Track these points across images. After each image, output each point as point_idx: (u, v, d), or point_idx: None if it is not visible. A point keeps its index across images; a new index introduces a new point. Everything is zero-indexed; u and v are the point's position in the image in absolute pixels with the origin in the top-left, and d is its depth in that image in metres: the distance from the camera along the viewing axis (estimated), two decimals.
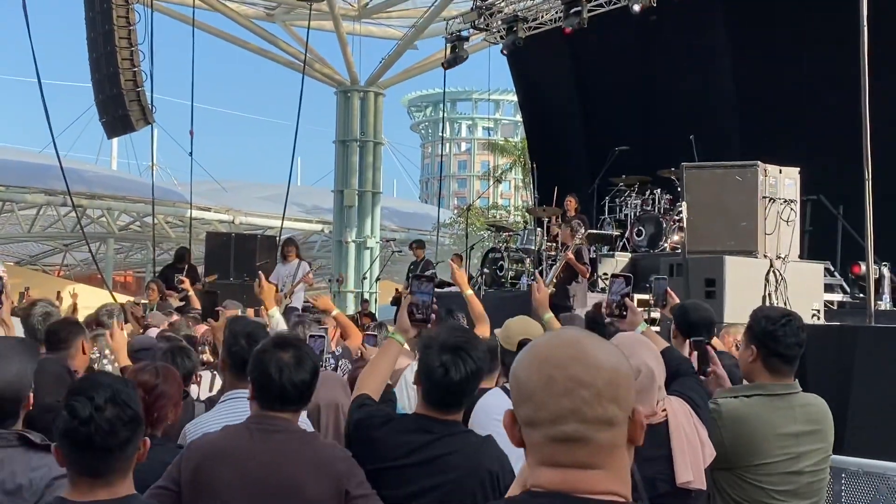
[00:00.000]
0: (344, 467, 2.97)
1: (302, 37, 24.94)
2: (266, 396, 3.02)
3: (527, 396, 1.61)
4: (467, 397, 3.11)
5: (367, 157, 28.99)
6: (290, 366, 3.00)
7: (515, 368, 1.65)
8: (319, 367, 3.24)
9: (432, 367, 3.01)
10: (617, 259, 12.74)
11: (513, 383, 1.66)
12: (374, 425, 3.10)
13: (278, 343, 3.12)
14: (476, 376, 3.05)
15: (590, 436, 1.57)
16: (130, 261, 43.09)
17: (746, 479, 3.54)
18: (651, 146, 15.68)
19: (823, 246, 12.17)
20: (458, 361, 2.99)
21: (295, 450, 2.95)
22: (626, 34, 16.62)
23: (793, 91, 14.38)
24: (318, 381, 3.12)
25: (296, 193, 31.49)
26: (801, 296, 9.08)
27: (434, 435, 3.02)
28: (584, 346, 1.62)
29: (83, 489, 2.27)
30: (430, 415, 3.06)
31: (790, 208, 9.62)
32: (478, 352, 3.07)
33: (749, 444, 3.52)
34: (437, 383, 3.01)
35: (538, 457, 1.61)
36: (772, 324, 3.57)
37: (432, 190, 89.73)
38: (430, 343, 3.10)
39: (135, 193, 32.38)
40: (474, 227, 29.73)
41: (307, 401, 3.10)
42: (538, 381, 1.60)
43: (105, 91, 17.16)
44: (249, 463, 2.90)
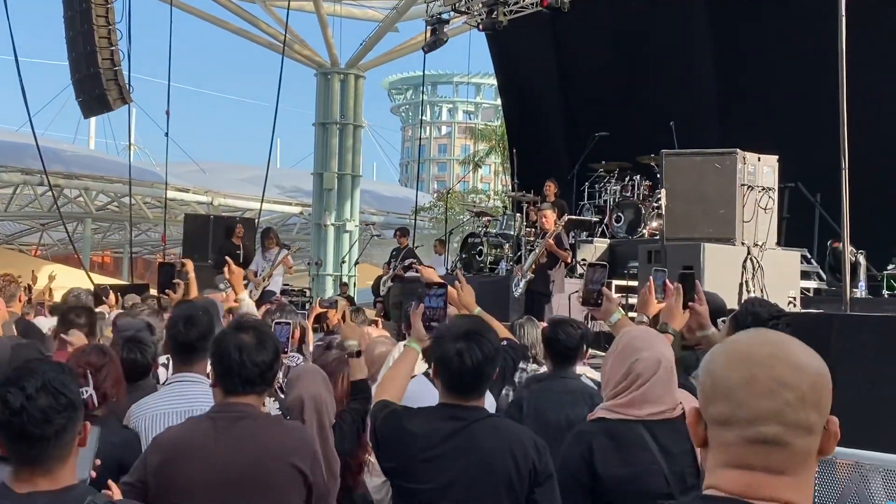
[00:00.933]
0: (308, 450, 3.03)
1: (282, 17, 24.73)
2: (227, 378, 3.01)
3: (723, 394, 1.57)
4: (486, 381, 3.15)
5: (346, 140, 28.86)
6: (250, 346, 3.00)
7: (709, 365, 1.61)
8: (282, 351, 3.25)
9: (448, 355, 3.07)
10: (596, 245, 12.75)
11: (705, 380, 1.62)
12: (403, 418, 3.15)
13: (239, 326, 3.13)
14: (491, 360, 3.10)
15: (788, 440, 1.52)
16: (108, 241, 42.81)
17: None
18: (631, 132, 15.68)
19: (801, 233, 12.25)
20: (473, 346, 3.05)
21: (259, 435, 2.95)
22: (608, 19, 16.61)
23: (772, 78, 14.41)
24: (281, 362, 3.15)
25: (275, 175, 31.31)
26: (777, 283, 9.14)
27: (463, 421, 3.07)
28: (787, 346, 1.58)
29: (24, 477, 2.23)
30: (454, 402, 3.11)
31: (768, 196, 9.67)
32: (490, 336, 3.13)
33: None
34: (455, 371, 3.07)
35: (725, 458, 1.57)
36: (758, 324, 3.59)
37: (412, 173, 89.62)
38: (443, 334, 3.17)
39: (112, 173, 32.12)
40: (454, 211, 29.71)
41: (269, 383, 3.09)
42: (738, 380, 1.55)
43: (82, 70, 16.98)
44: (215, 454, 2.89)
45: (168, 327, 3.86)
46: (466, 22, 19.84)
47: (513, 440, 3.07)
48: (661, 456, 3.12)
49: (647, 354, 3.17)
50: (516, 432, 3.14)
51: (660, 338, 3.35)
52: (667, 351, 3.23)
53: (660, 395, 3.15)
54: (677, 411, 3.18)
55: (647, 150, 12.79)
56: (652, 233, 12.54)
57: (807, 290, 11.16)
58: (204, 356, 3.72)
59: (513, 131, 21.04)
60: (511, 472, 3.01)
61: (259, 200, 21.62)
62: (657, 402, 3.14)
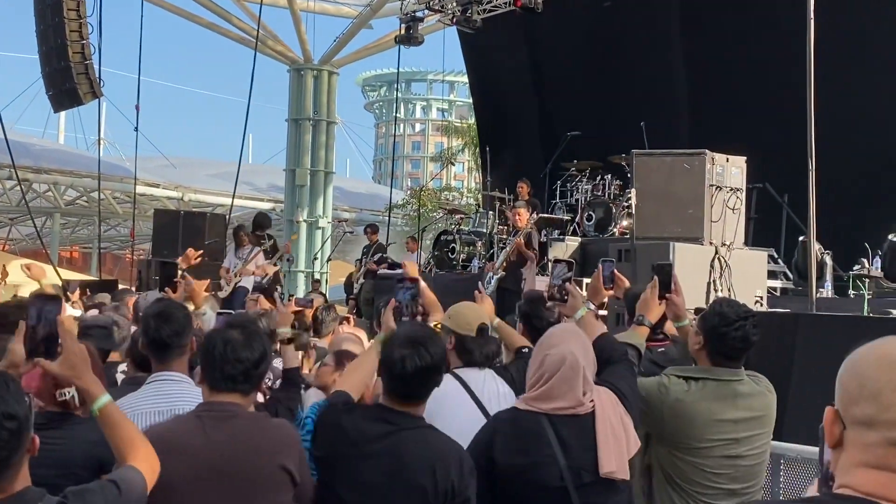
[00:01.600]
0: (296, 449, 3.02)
1: (255, 12, 24.65)
2: (211, 374, 3.01)
3: (871, 395, 1.58)
4: (426, 389, 3.17)
5: (319, 137, 28.81)
6: (236, 342, 2.99)
7: (856, 367, 1.64)
8: (271, 350, 3.22)
9: (392, 360, 3.10)
10: (567, 243, 12.81)
11: (851, 381, 1.64)
12: (340, 411, 3.20)
13: (231, 323, 3.14)
14: (433, 370, 3.13)
15: None
16: (77, 236, 42.49)
17: (685, 460, 3.63)
18: (603, 132, 15.78)
19: (768, 233, 12.39)
20: (416, 355, 3.08)
21: (248, 435, 2.94)
22: (581, 19, 16.69)
23: (741, 81, 14.55)
24: (269, 364, 3.14)
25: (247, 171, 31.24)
26: (744, 282, 9.23)
27: (393, 426, 3.09)
28: None
29: None
30: (391, 406, 3.14)
31: (736, 196, 9.76)
32: (436, 347, 3.15)
33: (688, 428, 3.62)
34: (395, 375, 3.10)
35: (864, 458, 1.59)
36: (725, 325, 3.63)
37: (386, 170, 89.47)
38: (392, 339, 3.21)
39: (82, 168, 31.88)
40: (427, 208, 29.71)
41: (256, 383, 3.07)
42: (889, 382, 1.57)
43: (52, 63, 16.82)
44: (202, 452, 2.86)
45: (143, 326, 3.79)
46: (440, 20, 19.87)
47: (437, 455, 3.07)
48: (560, 450, 3.19)
49: (555, 351, 3.26)
50: (444, 448, 3.12)
51: (575, 335, 3.40)
52: (577, 349, 3.28)
53: (564, 391, 3.23)
54: (585, 409, 3.24)
55: (618, 150, 12.87)
56: (622, 231, 12.62)
57: (773, 290, 11.27)
58: (182, 354, 3.70)
59: (485, 130, 21.07)
60: (428, 487, 3.01)
61: (230, 196, 21.53)
62: (560, 398, 3.22)
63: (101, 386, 2.62)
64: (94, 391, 2.59)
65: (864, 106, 12.73)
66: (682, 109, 15.70)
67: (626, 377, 3.53)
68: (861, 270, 10.66)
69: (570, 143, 14.89)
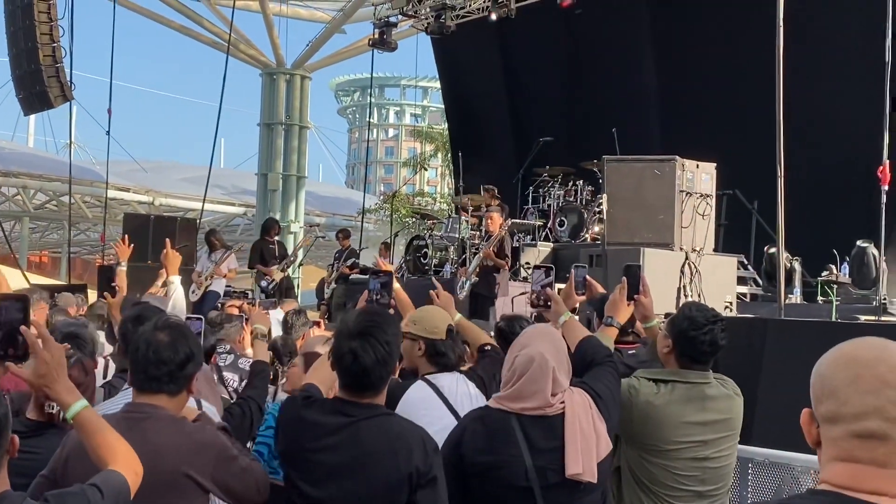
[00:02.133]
0: (207, 456, 2.94)
1: (227, 16, 24.56)
2: (135, 375, 2.97)
3: (830, 392, 1.70)
4: (381, 380, 3.12)
5: (292, 141, 28.75)
6: (160, 343, 2.94)
7: (819, 368, 1.76)
8: (200, 352, 3.15)
9: (342, 352, 3.06)
10: (539, 249, 12.86)
11: (815, 381, 1.75)
12: (300, 405, 3.16)
13: (157, 323, 3.06)
14: (385, 361, 3.08)
15: (892, 434, 1.64)
16: (46, 241, 42.08)
17: (653, 462, 3.66)
18: (575, 138, 15.86)
19: (738, 239, 12.49)
20: (367, 346, 3.03)
21: (154, 439, 2.86)
22: (553, 26, 16.76)
23: (712, 87, 14.67)
24: (199, 366, 3.07)
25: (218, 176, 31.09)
26: (714, 288, 9.31)
27: (351, 418, 3.05)
28: (890, 350, 1.70)
29: None
30: (347, 398, 3.10)
31: (706, 202, 9.84)
32: (387, 335, 3.10)
33: (656, 430, 3.64)
34: (346, 369, 3.07)
35: (834, 452, 1.69)
36: (694, 329, 3.67)
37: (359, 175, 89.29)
38: (342, 330, 3.15)
39: (51, 172, 31.59)
40: (399, 213, 29.69)
41: (181, 384, 2.99)
42: (844, 379, 1.69)
43: (23, 66, 16.67)
44: None
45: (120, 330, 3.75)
46: (414, 25, 19.89)
47: (398, 441, 3.05)
48: (527, 449, 3.19)
49: (525, 351, 3.26)
50: (404, 433, 3.10)
51: (547, 335, 3.39)
52: (547, 350, 3.27)
53: (532, 391, 3.22)
54: (554, 409, 3.23)
55: (590, 156, 12.93)
56: (594, 237, 12.69)
57: (743, 296, 11.37)
58: None
59: (457, 135, 21.09)
60: (391, 474, 3.00)
61: (201, 200, 21.41)
62: (528, 398, 3.22)
63: (75, 393, 2.56)
64: (67, 399, 2.54)
65: (833, 113, 12.87)
66: (653, 116, 15.80)
67: (606, 379, 3.52)
68: (829, 277, 10.77)
69: (542, 148, 14.95)
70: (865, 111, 10.30)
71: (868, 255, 10.71)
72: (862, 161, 12.19)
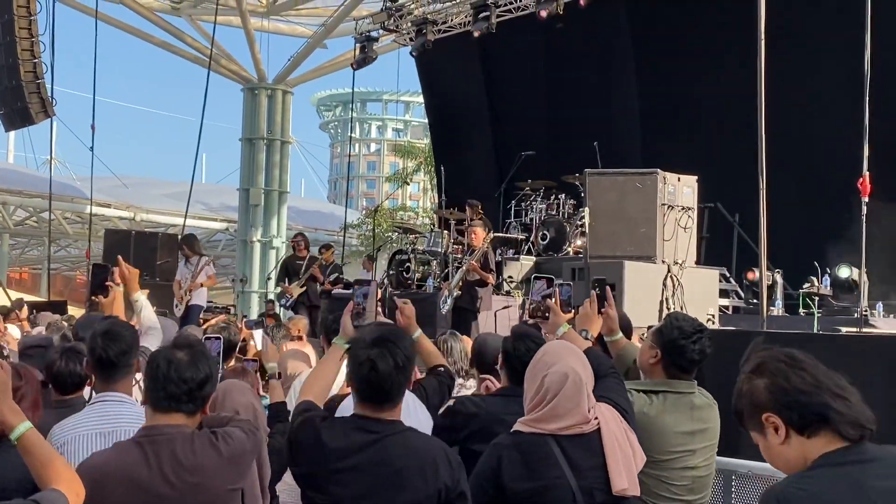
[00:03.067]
0: (243, 466, 2.98)
1: (208, 32, 24.54)
2: (153, 393, 2.94)
3: None
4: (399, 390, 3.06)
5: (273, 156, 28.68)
6: (180, 362, 2.93)
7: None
8: (217, 371, 3.16)
9: (360, 362, 2.99)
10: (522, 262, 12.86)
11: None
12: (318, 426, 3.06)
13: (177, 343, 3.06)
14: (405, 368, 3.03)
15: None
16: (26, 257, 41.80)
17: (648, 473, 3.64)
18: (557, 151, 15.89)
19: (720, 252, 12.52)
20: (385, 354, 2.98)
21: (194, 460, 2.86)
22: (534, 40, 16.82)
23: (693, 100, 14.74)
24: (216, 386, 3.06)
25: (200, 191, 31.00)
26: (696, 301, 9.32)
27: (375, 434, 2.99)
28: None
29: None
30: (367, 414, 3.03)
31: (688, 215, 9.86)
32: (405, 342, 3.07)
33: (650, 441, 3.63)
34: (365, 378, 2.99)
35: None
36: (683, 338, 3.69)
37: (341, 190, 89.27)
38: (357, 340, 3.09)
39: (32, 188, 31.40)
40: (382, 228, 29.67)
41: (199, 404, 2.99)
42: None
43: (3, 82, 16.61)
44: (150, 484, 2.79)
45: (89, 346, 3.68)
46: (395, 40, 19.95)
47: (425, 457, 3.00)
48: (570, 471, 3.13)
49: (556, 369, 3.19)
50: (430, 449, 3.06)
51: (572, 351, 3.36)
52: (577, 365, 3.24)
53: (568, 409, 3.16)
54: (591, 426, 3.19)
55: (571, 170, 12.95)
56: (577, 250, 12.69)
57: (725, 308, 11.39)
58: (128, 374, 3.62)
59: (440, 149, 21.12)
60: (419, 491, 2.96)
61: (183, 216, 21.33)
62: (566, 416, 3.16)
63: (18, 414, 2.55)
64: (11, 421, 2.52)
65: (815, 127, 12.95)
66: (634, 129, 15.85)
67: (619, 391, 3.51)
68: (811, 289, 10.81)
69: (524, 162, 14.96)
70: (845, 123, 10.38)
71: (848, 282, 10.76)
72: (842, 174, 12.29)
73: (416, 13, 17.88)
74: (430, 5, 17.71)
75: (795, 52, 12.68)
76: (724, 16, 13.55)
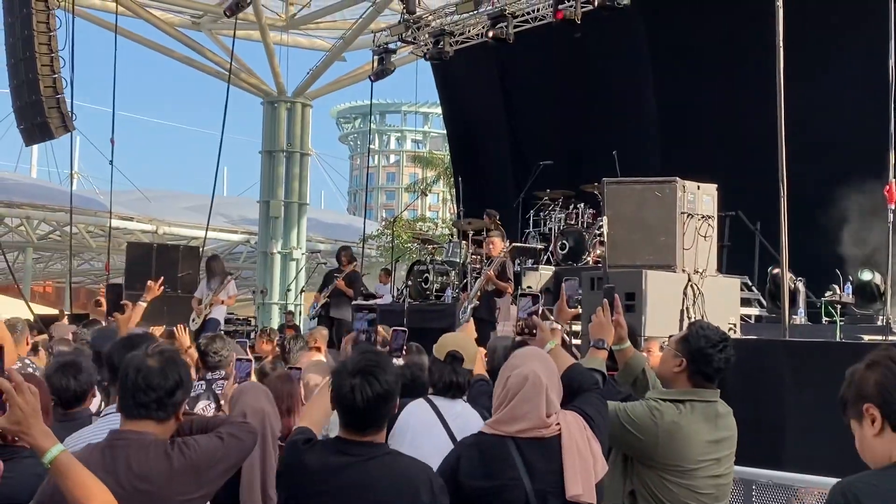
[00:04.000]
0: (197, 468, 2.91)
1: (228, 46, 24.67)
2: (125, 402, 2.94)
3: None
4: (382, 418, 3.12)
5: (293, 168, 28.76)
6: (150, 369, 2.91)
7: None
8: (191, 382, 3.12)
9: (343, 391, 3.05)
10: (541, 272, 12.83)
11: None
12: (301, 450, 3.12)
13: (148, 350, 3.04)
14: (386, 398, 3.07)
15: None
16: (50, 271, 42.08)
17: (676, 483, 3.69)
18: (575, 161, 15.88)
19: (742, 260, 12.44)
20: (366, 385, 3.02)
21: (144, 464, 2.83)
22: (552, 50, 16.81)
23: (712, 108, 14.68)
24: (188, 392, 3.04)
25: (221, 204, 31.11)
26: (718, 310, 9.24)
27: (353, 457, 3.03)
28: None
29: None
30: (349, 437, 3.08)
31: (707, 224, 9.79)
32: (387, 374, 3.09)
33: (682, 450, 3.68)
34: (347, 407, 3.05)
35: None
36: (710, 346, 3.73)
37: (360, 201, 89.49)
38: (341, 368, 3.14)
39: (54, 202, 31.61)
40: (401, 239, 29.69)
41: (171, 410, 2.96)
42: None
43: (23, 97, 16.73)
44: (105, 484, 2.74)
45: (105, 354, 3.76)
46: (413, 52, 20.00)
47: (405, 480, 3.03)
48: (526, 473, 3.17)
49: (517, 371, 3.26)
50: (411, 471, 3.09)
51: (539, 356, 3.40)
52: (539, 368, 3.27)
53: (526, 410, 3.21)
54: (550, 431, 3.22)
55: (590, 179, 12.93)
56: (596, 260, 12.65)
57: (748, 317, 11.30)
58: None
59: (458, 159, 21.15)
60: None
61: (204, 228, 21.42)
62: (523, 418, 3.21)
63: (50, 437, 2.55)
64: (43, 444, 2.52)
65: (837, 132, 12.87)
66: (653, 138, 15.80)
67: (595, 403, 3.52)
68: (833, 297, 10.72)
69: (542, 172, 14.95)
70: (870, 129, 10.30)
71: (871, 286, 10.67)
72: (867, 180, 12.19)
73: (434, 24, 17.93)
74: (448, 17, 17.74)
75: (817, 56, 12.60)
76: (743, 21, 13.49)
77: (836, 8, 13.25)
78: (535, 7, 16.18)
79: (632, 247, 9.72)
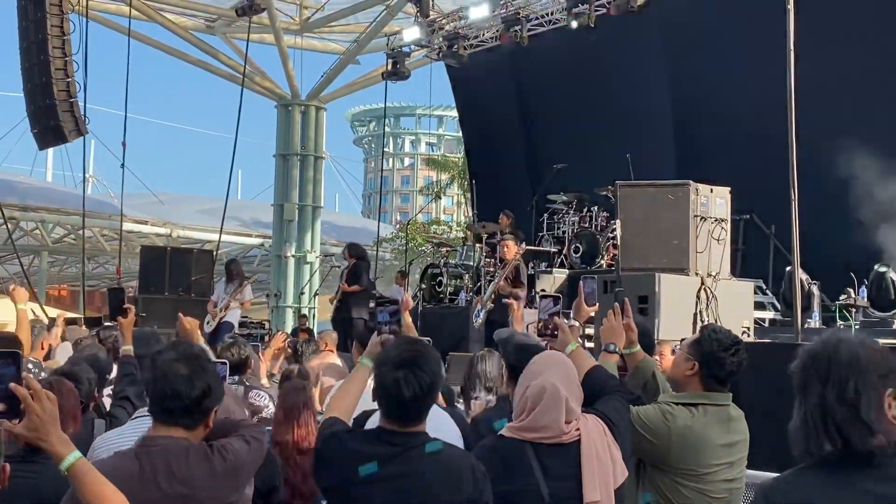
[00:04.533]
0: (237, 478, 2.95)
1: (242, 49, 24.73)
2: (154, 406, 2.96)
3: None
4: (425, 409, 3.12)
5: (307, 171, 28.80)
6: (179, 378, 2.92)
7: None
8: (222, 389, 3.12)
9: (387, 384, 3.05)
10: (554, 275, 12.82)
11: None
12: (343, 439, 3.13)
13: (179, 355, 3.03)
14: (430, 390, 3.08)
15: None
16: (65, 274, 42.26)
17: (690, 487, 3.70)
18: (589, 164, 15.84)
19: (757, 263, 12.39)
20: (411, 377, 3.02)
21: (185, 470, 2.85)
22: (566, 53, 16.81)
23: (726, 111, 14.63)
24: (219, 400, 3.04)
25: (235, 207, 31.19)
26: (731, 313, 9.21)
27: (397, 447, 3.04)
28: None
29: None
30: (392, 428, 3.08)
31: (721, 227, 9.76)
32: (430, 365, 3.10)
33: (694, 454, 3.68)
34: (392, 399, 3.05)
35: None
36: (723, 350, 3.74)
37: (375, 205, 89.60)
38: (385, 360, 3.13)
39: (69, 205, 31.73)
40: (415, 242, 29.71)
41: (199, 418, 2.97)
42: None
43: (37, 101, 16.81)
44: (140, 492, 2.79)
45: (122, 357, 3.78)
46: (427, 55, 20.02)
47: (450, 469, 3.05)
48: (543, 478, 3.19)
49: (536, 382, 3.27)
50: (455, 460, 3.11)
51: (558, 364, 3.40)
52: (558, 379, 3.28)
53: (545, 423, 3.23)
54: (570, 436, 3.23)
55: (604, 182, 12.91)
56: (610, 263, 12.65)
57: (761, 321, 11.26)
58: None
59: (473, 162, 21.18)
60: (444, 502, 3.00)
61: (218, 232, 21.48)
62: (542, 428, 3.23)
63: (68, 444, 2.56)
64: (61, 451, 2.53)
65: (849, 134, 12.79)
66: (667, 140, 15.77)
67: (617, 407, 3.52)
68: (847, 300, 10.67)
69: (556, 175, 14.94)
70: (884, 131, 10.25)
71: (886, 279, 10.61)
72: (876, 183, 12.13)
73: (448, 28, 17.95)
74: (462, 20, 17.77)
75: (826, 62, 12.54)
76: (756, 23, 13.45)
77: (851, 10, 13.20)
78: (550, 10, 16.19)
79: (645, 250, 9.69)
